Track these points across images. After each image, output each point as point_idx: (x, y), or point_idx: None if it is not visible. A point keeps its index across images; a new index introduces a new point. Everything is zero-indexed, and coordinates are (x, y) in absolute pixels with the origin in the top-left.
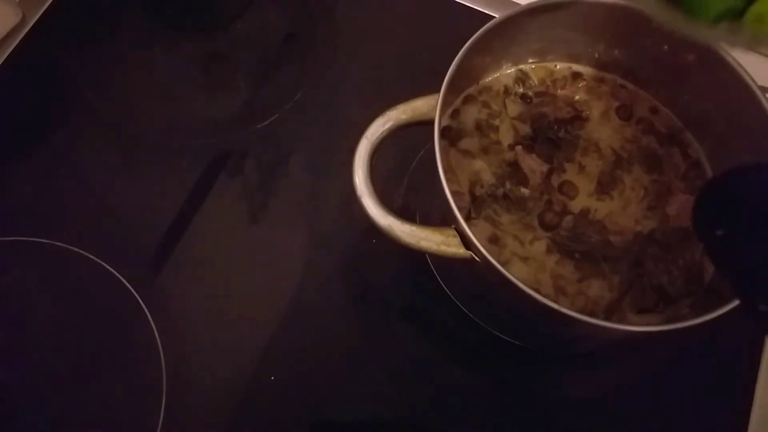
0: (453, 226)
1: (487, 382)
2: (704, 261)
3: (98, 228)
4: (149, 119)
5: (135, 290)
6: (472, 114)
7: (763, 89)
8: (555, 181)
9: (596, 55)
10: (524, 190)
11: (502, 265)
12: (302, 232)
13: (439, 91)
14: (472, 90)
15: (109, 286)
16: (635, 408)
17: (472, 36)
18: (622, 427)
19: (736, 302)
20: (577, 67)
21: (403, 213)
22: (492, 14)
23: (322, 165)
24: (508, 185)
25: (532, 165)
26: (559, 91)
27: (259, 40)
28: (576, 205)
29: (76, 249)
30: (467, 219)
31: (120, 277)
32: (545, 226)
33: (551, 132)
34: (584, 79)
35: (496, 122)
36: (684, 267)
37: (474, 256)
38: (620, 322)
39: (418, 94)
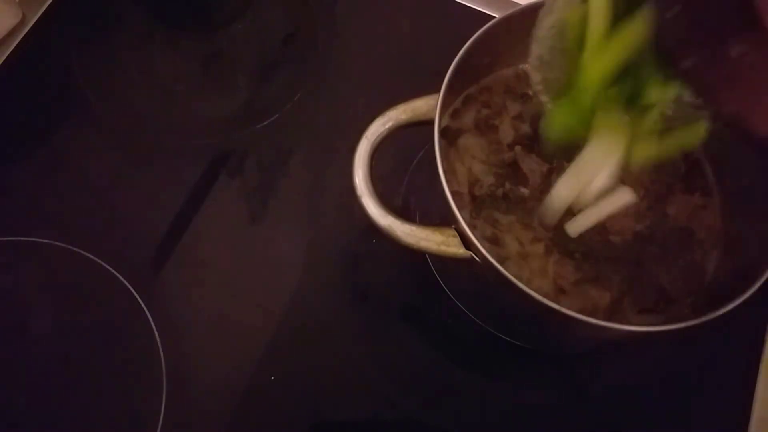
0: (453, 226)
1: (486, 381)
2: (705, 261)
3: (98, 228)
4: (149, 119)
5: (135, 290)
6: (472, 114)
7: None
8: (555, 181)
9: None
10: (524, 190)
11: (502, 265)
12: (302, 232)
13: (439, 91)
14: (472, 90)
15: (109, 286)
16: (635, 408)
17: (472, 36)
18: (623, 427)
19: (736, 302)
20: None
21: (403, 213)
22: (492, 14)
23: (322, 165)
24: (507, 185)
25: (532, 165)
26: None
27: (259, 40)
28: None
29: (76, 249)
30: (467, 219)
31: (120, 277)
32: (545, 226)
33: None
34: None
35: (496, 122)
36: (684, 267)
37: (474, 256)
38: (620, 322)
39: (418, 94)
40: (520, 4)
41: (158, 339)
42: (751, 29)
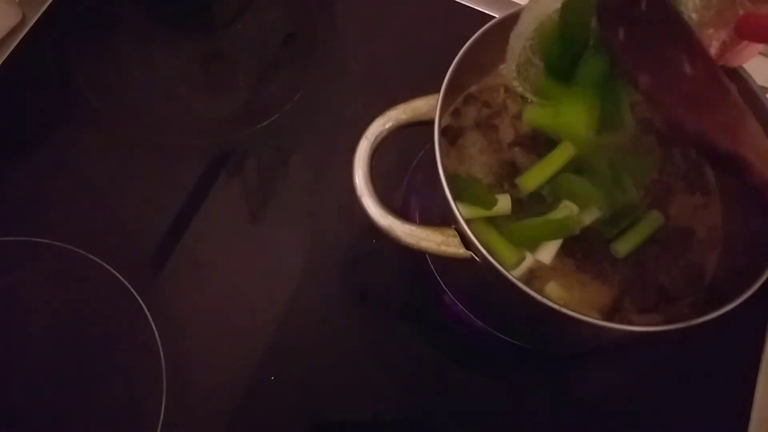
0: (453, 226)
1: (486, 381)
2: (705, 261)
3: (98, 228)
4: (149, 119)
5: (135, 290)
6: (472, 113)
7: (763, 89)
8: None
9: None
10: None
11: None
12: (302, 232)
13: (439, 91)
14: (472, 89)
15: (109, 286)
16: (635, 408)
17: (472, 36)
18: (622, 427)
19: (736, 302)
20: None
21: (403, 213)
22: (492, 14)
23: (322, 165)
24: (506, 185)
25: (531, 165)
26: None
27: (259, 40)
28: None
29: (76, 249)
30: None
31: (120, 277)
32: None
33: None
34: None
35: (496, 122)
36: (684, 267)
37: (474, 256)
38: (620, 322)
39: (418, 94)
40: (520, 4)
41: (158, 339)
42: (697, 53)
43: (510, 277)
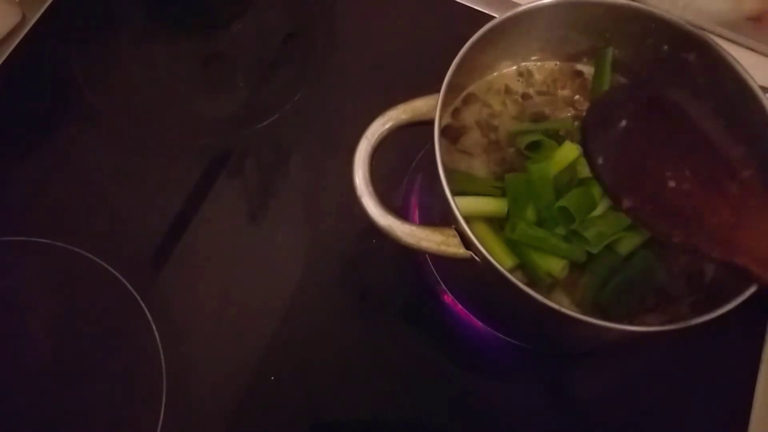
0: (453, 226)
1: (486, 381)
2: (705, 261)
3: (98, 228)
4: (149, 119)
5: (135, 290)
6: (472, 113)
7: (763, 89)
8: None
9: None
10: None
11: None
12: (302, 232)
13: (439, 91)
14: (472, 89)
15: (109, 286)
16: (635, 408)
17: (472, 36)
18: (622, 427)
19: (736, 302)
20: (578, 66)
21: (403, 213)
22: (492, 14)
23: (322, 165)
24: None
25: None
26: (559, 90)
27: (259, 40)
28: None
29: (76, 249)
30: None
31: (120, 277)
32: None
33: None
34: (585, 78)
35: (496, 122)
36: (684, 267)
37: (474, 256)
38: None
39: (418, 94)
40: (520, 5)
41: (158, 339)
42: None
43: (510, 277)
